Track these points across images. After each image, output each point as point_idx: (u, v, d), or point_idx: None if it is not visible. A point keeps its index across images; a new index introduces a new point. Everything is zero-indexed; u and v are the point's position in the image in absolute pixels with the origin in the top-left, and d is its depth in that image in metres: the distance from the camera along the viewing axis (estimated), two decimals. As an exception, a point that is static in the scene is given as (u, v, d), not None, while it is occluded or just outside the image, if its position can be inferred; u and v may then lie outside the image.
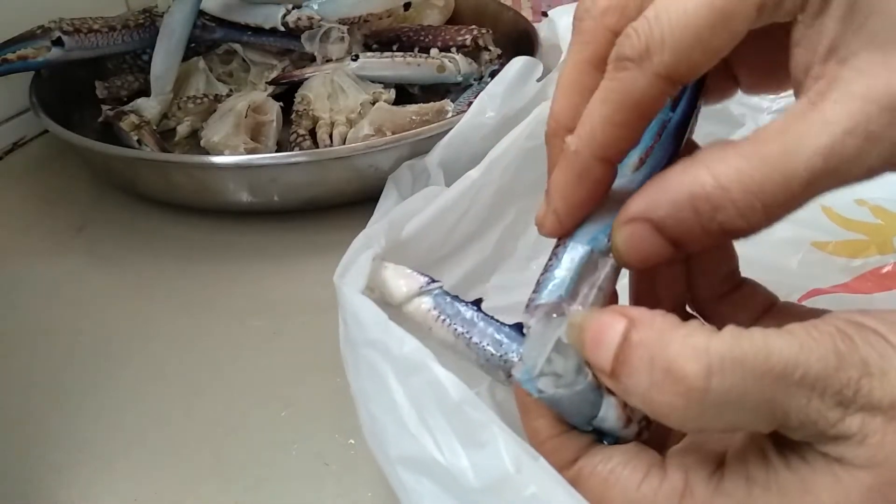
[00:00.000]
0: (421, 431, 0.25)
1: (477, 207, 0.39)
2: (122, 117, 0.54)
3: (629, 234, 0.21)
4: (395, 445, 0.26)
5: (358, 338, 0.28)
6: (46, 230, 0.50)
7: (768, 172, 0.19)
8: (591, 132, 0.22)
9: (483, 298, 0.29)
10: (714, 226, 0.19)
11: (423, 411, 0.25)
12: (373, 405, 0.27)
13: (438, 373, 0.25)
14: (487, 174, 0.39)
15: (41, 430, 0.36)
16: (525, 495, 0.22)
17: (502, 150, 0.41)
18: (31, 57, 0.54)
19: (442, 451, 0.24)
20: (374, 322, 0.27)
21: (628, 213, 0.21)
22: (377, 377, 0.27)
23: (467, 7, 0.70)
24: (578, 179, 0.22)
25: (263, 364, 0.39)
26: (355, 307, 0.28)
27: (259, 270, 0.45)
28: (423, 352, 0.26)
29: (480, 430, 0.24)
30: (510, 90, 0.45)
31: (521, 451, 0.23)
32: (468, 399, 0.24)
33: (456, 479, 0.24)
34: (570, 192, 0.23)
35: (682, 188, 0.20)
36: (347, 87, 0.56)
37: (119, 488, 0.33)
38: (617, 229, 0.22)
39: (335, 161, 0.47)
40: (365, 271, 0.30)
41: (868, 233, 0.41)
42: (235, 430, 0.35)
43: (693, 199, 0.20)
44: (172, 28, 0.56)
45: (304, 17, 0.58)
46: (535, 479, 0.23)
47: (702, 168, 0.20)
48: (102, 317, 0.43)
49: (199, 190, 0.48)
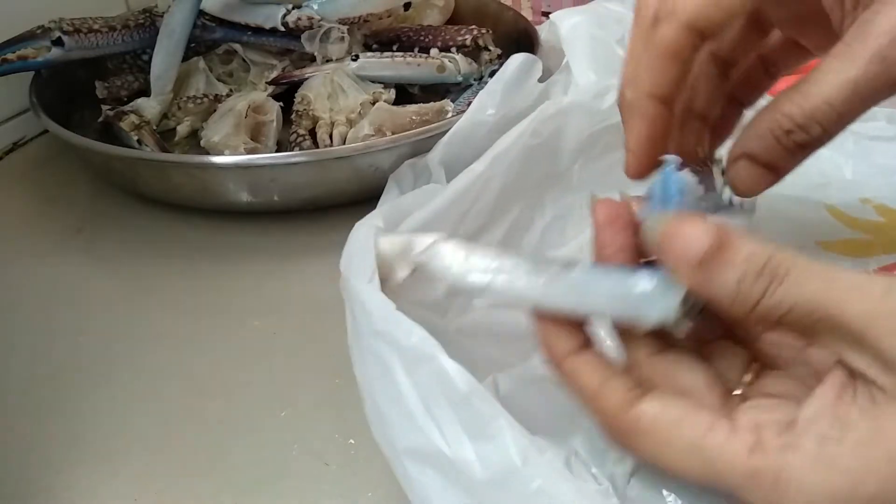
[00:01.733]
0: (427, 423, 0.25)
1: (481, 204, 0.39)
2: (122, 117, 0.53)
3: (736, 170, 0.28)
4: (401, 437, 0.26)
5: (365, 328, 0.28)
6: (46, 230, 0.50)
7: (817, 103, 0.25)
8: (637, 76, 0.28)
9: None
10: (791, 144, 0.26)
11: (430, 403, 0.25)
12: (379, 396, 0.27)
13: (446, 364, 0.25)
14: (491, 169, 0.39)
15: (41, 430, 0.36)
16: (532, 488, 0.22)
17: (506, 145, 0.40)
18: (31, 57, 0.54)
19: (448, 442, 0.24)
20: (381, 313, 0.27)
21: (733, 155, 0.28)
22: (384, 368, 0.26)
23: (467, 7, 0.70)
24: (639, 118, 0.28)
25: (263, 364, 0.39)
26: (362, 298, 0.28)
27: (259, 270, 0.45)
28: (430, 342, 0.26)
29: (488, 422, 0.24)
30: (510, 87, 0.45)
31: (528, 444, 0.23)
32: (476, 391, 0.24)
33: (462, 472, 0.24)
34: (634, 131, 0.28)
35: (762, 126, 0.26)
36: (347, 87, 0.56)
37: (119, 488, 0.33)
38: (728, 170, 0.28)
39: (335, 161, 0.47)
40: (371, 260, 0.30)
41: (872, 232, 0.41)
42: (235, 430, 0.35)
43: (772, 131, 0.26)
44: (172, 28, 0.56)
45: (304, 17, 0.58)
46: (541, 472, 0.23)
47: (772, 111, 0.26)
48: (102, 317, 0.43)
49: (199, 190, 0.48)
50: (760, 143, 0.26)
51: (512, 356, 0.34)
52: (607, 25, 0.49)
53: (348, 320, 0.30)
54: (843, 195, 0.44)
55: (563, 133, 0.44)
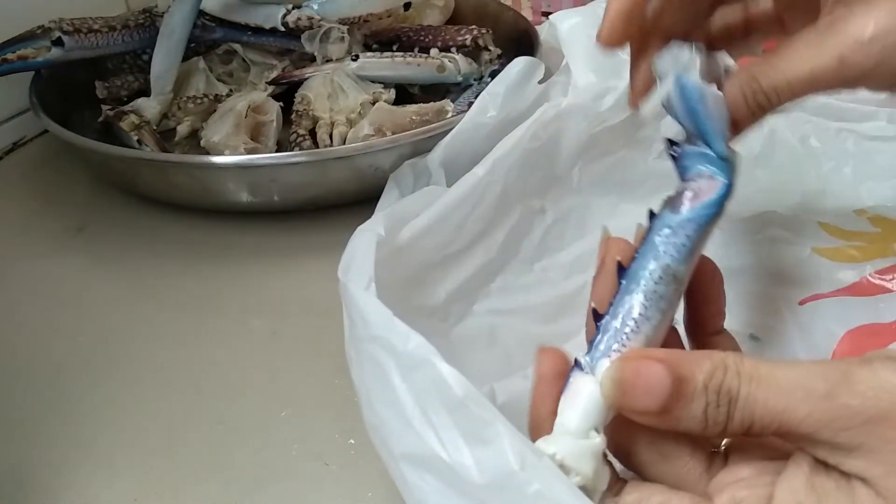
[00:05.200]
0: (424, 428, 0.25)
1: (482, 208, 0.39)
2: (122, 117, 0.54)
3: None
4: (398, 442, 0.26)
5: (362, 334, 0.28)
6: (46, 230, 0.50)
7: (780, 79, 0.27)
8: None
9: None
10: (755, 105, 0.28)
11: (427, 408, 0.25)
12: (376, 401, 0.27)
13: (442, 369, 0.25)
14: (492, 174, 0.39)
15: (41, 430, 0.36)
16: (529, 492, 0.22)
17: (506, 149, 0.41)
18: (31, 57, 0.54)
19: (446, 447, 0.24)
20: (378, 318, 0.27)
21: None
22: (381, 373, 0.26)
23: (467, 7, 0.70)
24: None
25: (263, 364, 0.39)
26: (360, 303, 0.28)
27: (259, 270, 0.45)
28: (427, 348, 0.26)
29: (485, 427, 0.24)
30: (512, 90, 0.45)
31: (525, 448, 0.23)
32: (472, 396, 0.24)
33: (460, 476, 0.24)
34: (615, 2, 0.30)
35: (734, 87, 0.28)
36: (347, 87, 0.56)
37: (119, 488, 0.33)
38: None
39: (335, 161, 0.47)
40: (369, 266, 0.30)
41: (868, 241, 0.41)
42: (235, 430, 0.35)
43: (743, 93, 0.28)
44: (172, 28, 0.56)
45: (304, 17, 0.58)
46: (539, 476, 0.23)
47: (742, 76, 0.28)
48: (102, 317, 0.43)
49: (199, 190, 0.48)
50: (731, 104, 0.29)
51: (509, 365, 0.35)
52: None
53: (346, 325, 0.30)
54: (837, 208, 0.44)
55: (563, 136, 0.44)
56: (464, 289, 0.38)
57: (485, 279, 0.39)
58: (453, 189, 0.38)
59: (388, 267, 0.31)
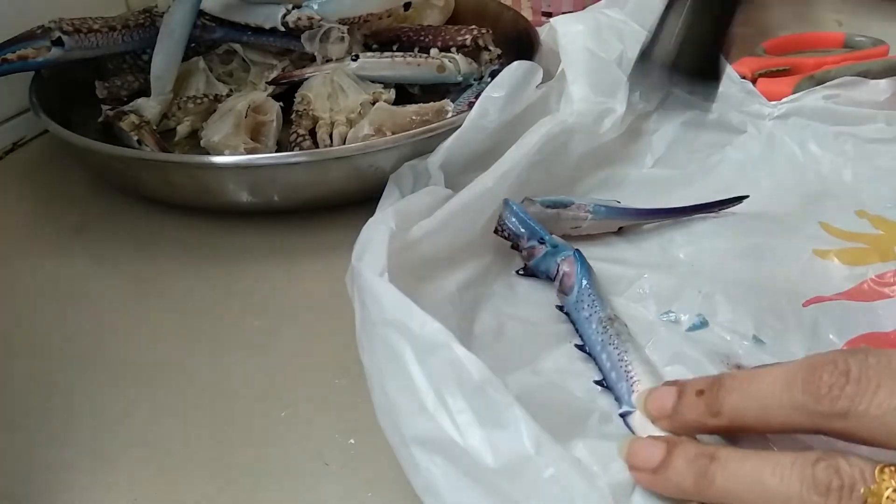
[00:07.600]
0: (439, 411, 0.25)
1: (486, 214, 0.40)
2: (122, 117, 0.53)
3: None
4: (409, 425, 0.26)
5: (377, 318, 0.28)
6: (46, 230, 0.50)
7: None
8: None
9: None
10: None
11: (442, 391, 0.25)
12: (388, 384, 0.27)
13: (460, 353, 0.25)
14: (500, 184, 0.40)
15: (41, 430, 0.36)
16: (545, 476, 0.23)
17: (513, 161, 0.42)
18: (31, 57, 0.54)
19: (460, 430, 0.24)
20: (394, 302, 0.28)
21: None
22: (394, 356, 0.27)
23: (467, 7, 0.70)
24: None
25: (263, 364, 0.39)
26: (375, 288, 0.28)
27: (259, 270, 0.45)
28: (444, 333, 0.26)
29: (502, 411, 0.24)
30: (512, 94, 0.46)
31: (540, 432, 0.23)
32: (489, 380, 0.25)
33: (473, 459, 0.24)
34: None
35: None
36: (347, 87, 0.56)
37: (119, 488, 0.33)
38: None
39: (335, 161, 0.47)
40: (383, 255, 0.30)
41: (869, 242, 0.42)
42: (235, 430, 0.35)
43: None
44: (172, 28, 0.56)
45: (304, 17, 0.58)
46: (554, 460, 0.23)
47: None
48: (102, 317, 0.43)
49: (199, 190, 0.48)
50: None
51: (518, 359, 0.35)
52: (607, 41, 0.50)
53: (357, 310, 0.30)
54: (838, 209, 0.44)
55: (565, 149, 0.46)
56: (462, 292, 0.38)
57: (484, 281, 0.40)
58: (461, 195, 0.39)
59: (398, 262, 0.31)
